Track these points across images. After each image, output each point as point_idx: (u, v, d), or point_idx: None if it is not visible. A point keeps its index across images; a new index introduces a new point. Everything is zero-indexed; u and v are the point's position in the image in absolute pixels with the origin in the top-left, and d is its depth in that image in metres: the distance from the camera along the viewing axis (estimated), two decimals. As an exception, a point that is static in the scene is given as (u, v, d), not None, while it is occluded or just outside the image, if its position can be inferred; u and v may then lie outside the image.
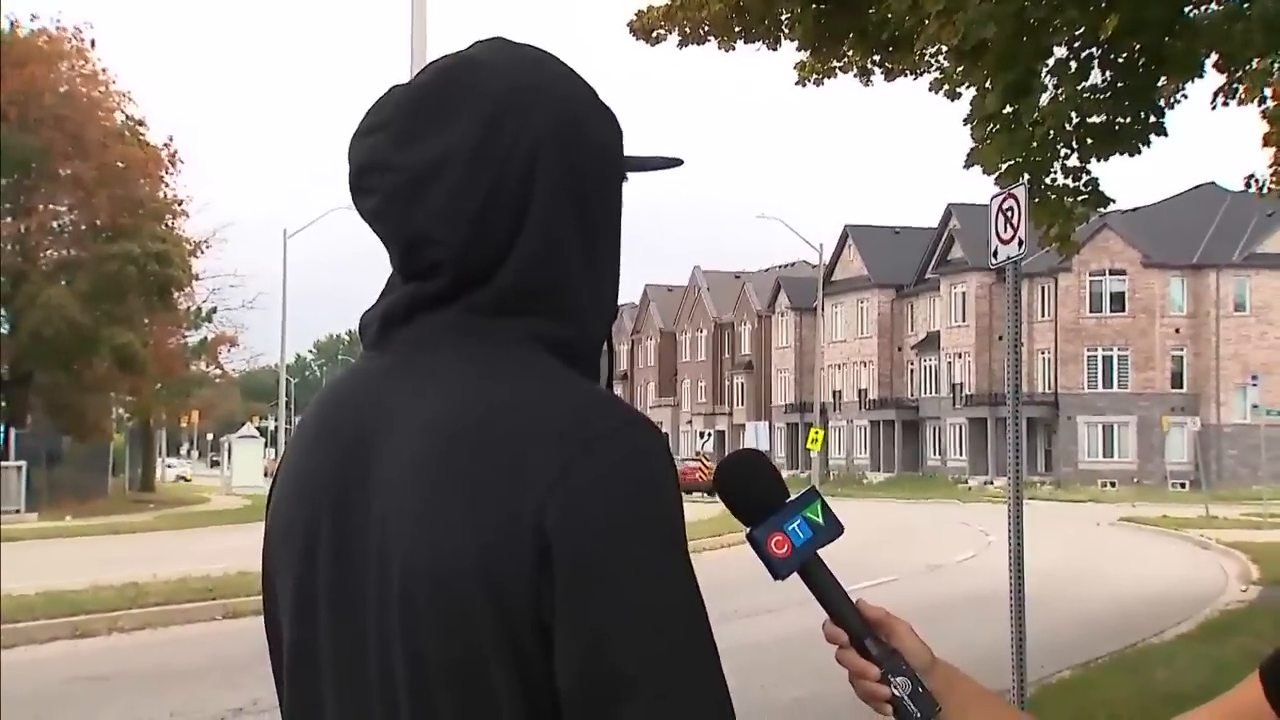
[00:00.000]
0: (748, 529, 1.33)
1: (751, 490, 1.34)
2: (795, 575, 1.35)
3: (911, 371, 74.33)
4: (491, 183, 1.23)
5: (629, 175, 1.33)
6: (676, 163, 1.38)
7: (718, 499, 1.37)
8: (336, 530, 1.25)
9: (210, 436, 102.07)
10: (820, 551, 1.35)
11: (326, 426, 1.30)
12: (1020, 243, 7.91)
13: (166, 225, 43.75)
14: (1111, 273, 62.81)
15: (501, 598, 1.15)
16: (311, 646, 1.27)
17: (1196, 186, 65.42)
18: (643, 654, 1.13)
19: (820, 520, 1.34)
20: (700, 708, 1.16)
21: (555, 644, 1.15)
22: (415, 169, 1.24)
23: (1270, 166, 13.50)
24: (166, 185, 44.50)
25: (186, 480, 76.42)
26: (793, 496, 1.35)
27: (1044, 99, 10.65)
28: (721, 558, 18.16)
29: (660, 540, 1.17)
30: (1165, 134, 10.91)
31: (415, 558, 1.18)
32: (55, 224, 42.76)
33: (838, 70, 13.32)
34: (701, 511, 19.52)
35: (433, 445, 1.20)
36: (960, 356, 68.19)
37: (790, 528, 1.32)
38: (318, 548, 1.26)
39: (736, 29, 12.93)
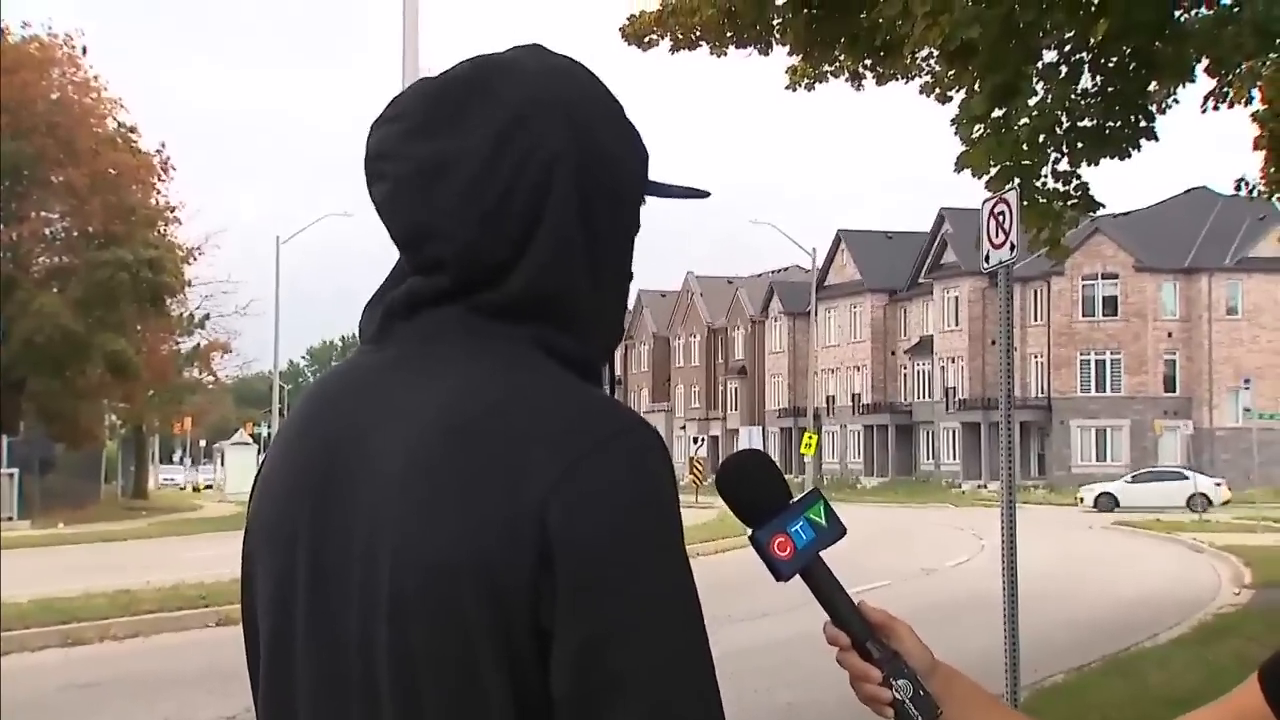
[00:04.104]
0: (750, 530, 1.32)
1: (754, 491, 1.34)
2: (796, 577, 1.34)
3: (905, 376, 74.38)
4: (504, 188, 1.23)
5: (651, 199, 1.32)
6: (703, 194, 1.38)
7: (710, 503, 1.36)
8: (319, 523, 1.24)
9: (203, 443, 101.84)
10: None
11: (316, 421, 1.29)
12: (1012, 247, 7.92)
13: (159, 232, 43.75)
14: (1104, 277, 62.90)
15: (498, 596, 1.14)
16: (287, 642, 1.25)
17: (1188, 190, 65.59)
18: (641, 658, 1.13)
19: (823, 521, 1.33)
20: (693, 712, 1.15)
21: (554, 646, 1.14)
22: (423, 162, 1.24)
23: (1261, 170, 13.54)
24: (158, 192, 44.56)
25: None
26: (795, 498, 1.35)
27: (1032, 102, 10.66)
28: (717, 562, 18.16)
29: (662, 545, 1.17)
30: (1155, 138, 10.92)
31: (408, 553, 1.17)
32: (47, 231, 42.72)
33: (829, 75, 13.33)
34: (693, 516, 19.53)
35: (431, 439, 1.19)
36: (953, 361, 68.27)
37: (793, 529, 1.32)
38: (298, 541, 1.25)
39: (728, 34, 12.92)
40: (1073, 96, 10.80)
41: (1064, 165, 10.97)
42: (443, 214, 1.23)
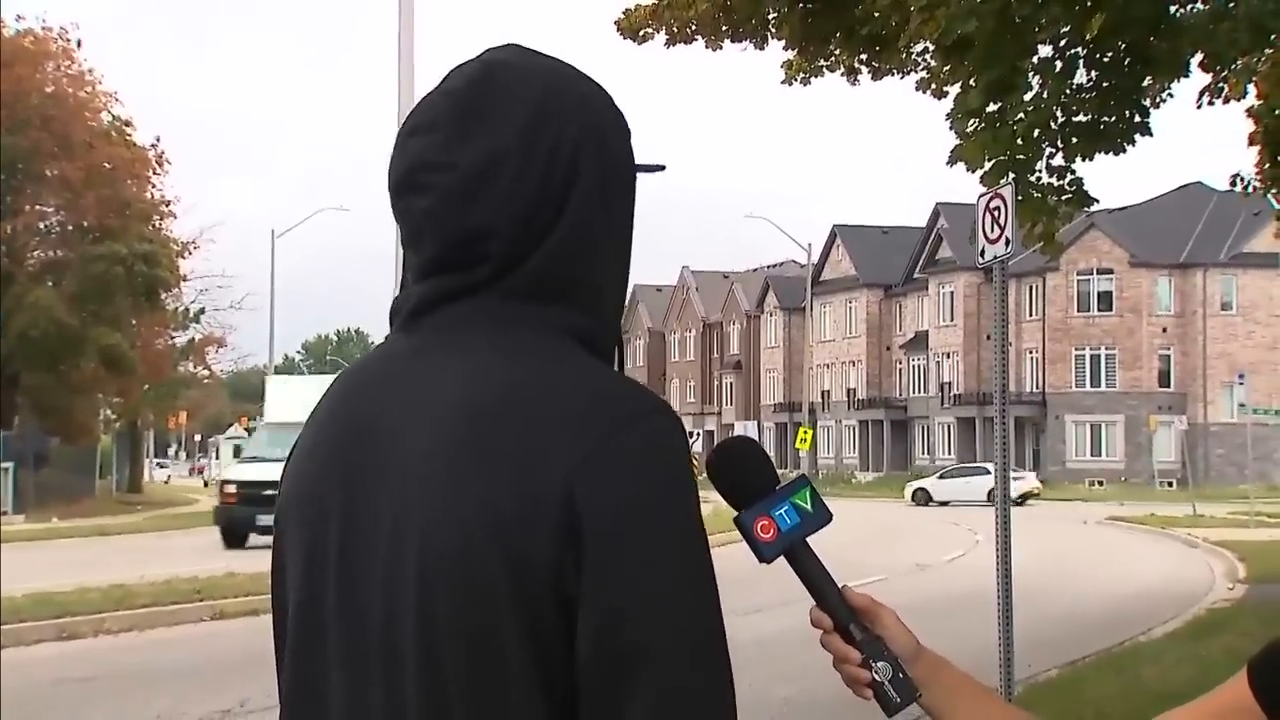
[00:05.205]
0: (736, 513, 1.35)
1: (741, 475, 1.37)
2: (790, 571, 1.36)
3: (900, 371, 74.45)
4: (540, 178, 1.28)
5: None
6: (659, 168, 1.43)
7: (704, 498, 1.38)
8: (348, 503, 1.28)
9: (198, 438, 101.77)
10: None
11: (346, 403, 1.33)
12: (1007, 242, 7.93)
13: (154, 226, 43.69)
14: (1099, 272, 62.98)
15: (523, 570, 1.17)
16: (317, 616, 1.29)
17: (1183, 186, 65.63)
18: (654, 633, 1.17)
19: (808, 507, 1.35)
20: (708, 683, 1.20)
21: (578, 616, 1.17)
22: (470, 167, 1.28)
23: (1256, 165, 13.54)
24: (154, 186, 44.44)
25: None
26: (783, 483, 1.36)
27: (1027, 97, 10.67)
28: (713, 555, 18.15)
29: (680, 523, 1.21)
30: (1150, 133, 10.92)
31: (435, 528, 1.20)
32: (42, 225, 42.66)
33: (825, 69, 13.33)
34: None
35: (456, 421, 1.22)
36: (948, 356, 68.32)
37: (777, 513, 1.34)
38: (329, 520, 1.29)
39: (723, 28, 12.92)
40: (1068, 91, 10.80)
41: (1059, 160, 10.97)
42: (495, 213, 1.28)
